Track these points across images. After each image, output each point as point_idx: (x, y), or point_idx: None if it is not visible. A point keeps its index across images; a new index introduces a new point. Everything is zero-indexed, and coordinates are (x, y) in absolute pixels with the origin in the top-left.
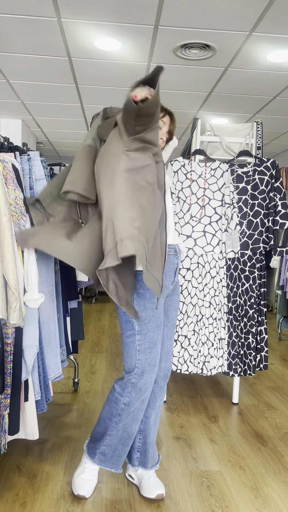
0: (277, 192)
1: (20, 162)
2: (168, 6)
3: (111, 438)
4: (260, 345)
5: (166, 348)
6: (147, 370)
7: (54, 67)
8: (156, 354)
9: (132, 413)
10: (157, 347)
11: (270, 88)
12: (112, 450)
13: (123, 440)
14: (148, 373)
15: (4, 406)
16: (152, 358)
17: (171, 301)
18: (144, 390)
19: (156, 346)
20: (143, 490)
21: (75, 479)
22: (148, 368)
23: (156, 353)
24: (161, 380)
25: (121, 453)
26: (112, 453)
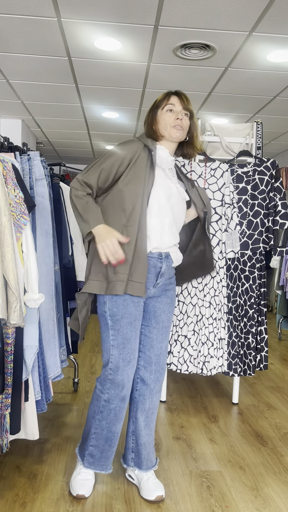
0: (277, 192)
1: (20, 162)
2: (168, 6)
3: (97, 437)
4: (260, 345)
5: (157, 350)
6: (121, 366)
7: (54, 67)
8: (131, 350)
9: (114, 410)
10: (131, 344)
11: (270, 88)
12: (99, 451)
13: (109, 440)
14: (123, 368)
15: (5, 405)
16: (126, 353)
17: (160, 304)
18: (122, 387)
19: (130, 342)
20: (143, 492)
21: (72, 482)
22: (122, 364)
23: (131, 349)
24: (152, 383)
25: (108, 454)
26: (100, 454)
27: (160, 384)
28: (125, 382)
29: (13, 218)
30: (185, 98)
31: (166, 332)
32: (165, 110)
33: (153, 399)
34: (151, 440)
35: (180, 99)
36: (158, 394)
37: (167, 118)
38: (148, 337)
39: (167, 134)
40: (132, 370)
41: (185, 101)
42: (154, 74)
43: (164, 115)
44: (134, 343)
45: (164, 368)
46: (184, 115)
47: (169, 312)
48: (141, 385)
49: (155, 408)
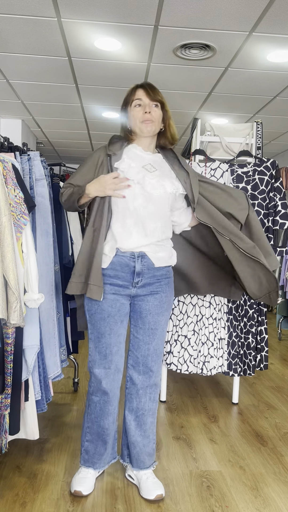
0: (277, 192)
1: (20, 162)
2: (168, 6)
3: (90, 431)
4: (260, 345)
5: (143, 351)
6: (97, 359)
7: (54, 67)
8: (106, 345)
9: (98, 403)
10: (105, 339)
11: (270, 88)
12: (93, 446)
13: (101, 436)
14: (99, 362)
15: (5, 406)
16: (101, 347)
17: (147, 305)
18: (100, 380)
19: (104, 337)
20: (142, 491)
21: (72, 480)
22: (98, 357)
23: (106, 344)
24: (139, 383)
25: (102, 451)
26: (94, 450)
27: (152, 389)
28: (103, 375)
29: (13, 218)
30: (151, 89)
31: (153, 334)
32: (133, 105)
33: (142, 400)
34: (145, 442)
35: (146, 92)
36: (149, 397)
37: (135, 113)
38: (135, 337)
39: (138, 130)
40: (110, 364)
41: (151, 92)
42: (154, 74)
43: (133, 111)
44: (109, 338)
45: (155, 371)
46: (154, 107)
47: (158, 314)
48: (130, 384)
49: (147, 411)
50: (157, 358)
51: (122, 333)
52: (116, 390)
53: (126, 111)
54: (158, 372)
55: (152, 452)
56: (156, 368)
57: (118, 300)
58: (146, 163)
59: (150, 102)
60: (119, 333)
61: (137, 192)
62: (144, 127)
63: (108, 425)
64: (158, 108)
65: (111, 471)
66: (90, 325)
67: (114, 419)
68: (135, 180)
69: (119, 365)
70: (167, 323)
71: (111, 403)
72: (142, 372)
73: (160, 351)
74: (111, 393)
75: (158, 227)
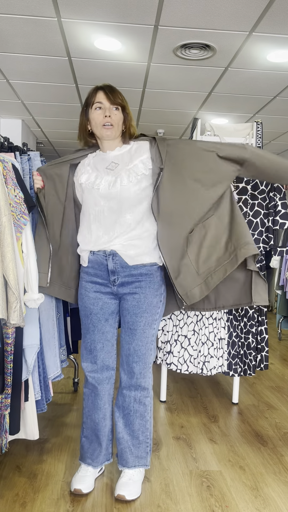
0: (277, 192)
1: (20, 162)
2: (168, 6)
3: (86, 426)
4: (260, 345)
5: (125, 351)
6: (84, 353)
7: (54, 67)
8: (90, 341)
9: (90, 396)
10: (90, 335)
11: (270, 88)
12: (88, 442)
13: (94, 431)
14: (86, 356)
15: (5, 406)
16: (86, 343)
17: (125, 304)
18: (88, 373)
19: (88, 333)
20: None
21: (72, 478)
22: (85, 352)
23: (90, 340)
24: (123, 382)
25: (95, 446)
26: (89, 445)
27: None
28: (90, 369)
29: (13, 218)
30: (111, 92)
31: (132, 334)
32: (94, 108)
33: (126, 400)
34: (135, 443)
35: (106, 95)
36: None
37: (96, 116)
38: (121, 335)
39: (99, 133)
40: (96, 359)
41: (111, 96)
42: (154, 74)
43: (93, 114)
44: (93, 335)
45: (137, 373)
46: (114, 110)
47: (135, 315)
48: (120, 383)
49: (133, 412)
50: (138, 359)
51: (108, 331)
52: (105, 385)
53: (87, 112)
54: (141, 374)
55: (144, 455)
56: (138, 369)
57: (101, 298)
58: (109, 163)
59: (111, 106)
60: (103, 331)
61: (95, 195)
62: (104, 132)
63: (98, 420)
64: (118, 111)
65: (111, 471)
66: (81, 320)
67: (105, 415)
68: (89, 187)
69: (107, 362)
70: (150, 325)
71: (100, 398)
72: (126, 371)
73: (142, 352)
74: (99, 387)
75: (127, 222)
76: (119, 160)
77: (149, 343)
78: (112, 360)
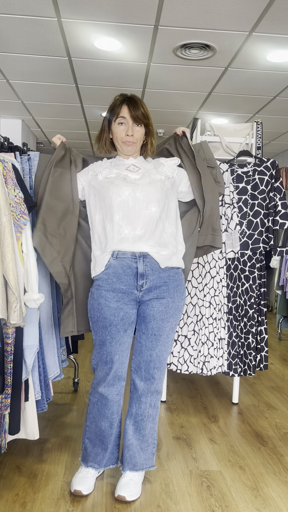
0: (277, 192)
1: (20, 162)
2: (168, 6)
3: (89, 430)
4: (260, 345)
5: (146, 357)
6: (99, 365)
7: (54, 67)
8: (107, 353)
9: (96, 404)
10: (106, 347)
11: (270, 88)
12: (92, 445)
13: (99, 436)
14: (101, 367)
15: (5, 406)
16: (102, 354)
17: (151, 310)
18: (99, 383)
19: (105, 345)
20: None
21: (72, 479)
22: (100, 363)
23: (107, 352)
24: (141, 389)
25: (98, 451)
26: (92, 448)
27: (153, 395)
28: (101, 380)
29: (13, 218)
30: (136, 109)
31: (156, 340)
32: (117, 122)
33: (141, 406)
34: (144, 446)
35: (130, 112)
36: (149, 404)
37: (118, 131)
38: (138, 341)
39: (119, 147)
40: (110, 371)
41: (134, 113)
42: (154, 74)
43: (116, 128)
44: (111, 347)
45: (157, 378)
46: (137, 127)
47: (162, 320)
48: (132, 388)
49: (147, 417)
50: (159, 364)
51: (125, 341)
52: (115, 396)
53: (110, 124)
54: (160, 379)
55: (151, 456)
56: (158, 375)
57: (122, 308)
58: (129, 165)
59: (133, 123)
60: (121, 342)
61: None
62: (125, 148)
63: (104, 427)
64: (141, 128)
65: (111, 472)
66: (93, 331)
67: (112, 424)
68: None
69: (120, 372)
70: (173, 329)
71: (108, 407)
72: (144, 378)
73: (164, 358)
74: (109, 397)
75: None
76: (141, 165)
77: (170, 347)
78: (124, 370)
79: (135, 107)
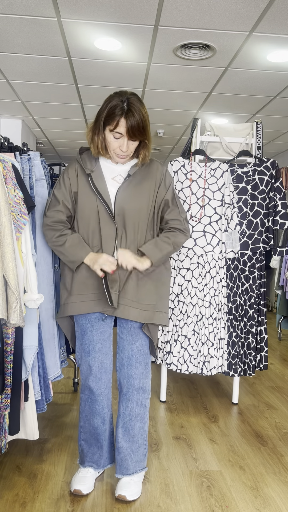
0: (277, 192)
1: (20, 162)
2: (168, 6)
3: (84, 430)
4: (260, 345)
5: (127, 352)
6: (83, 357)
7: (54, 67)
8: (89, 342)
9: (87, 402)
10: (87, 335)
11: (270, 88)
12: (88, 445)
13: (93, 435)
14: (84, 359)
15: (5, 406)
16: (84, 344)
17: None
18: (86, 378)
19: (86, 334)
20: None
21: (72, 479)
22: (83, 355)
23: (88, 340)
24: (125, 387)
25: (95, 450)
26: (88, 448)
27: (139, 393)
28: (87, 372)
29: (12, 218)
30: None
31: (136, 333)
32: (112, 134)
33: (128, 405)
34: (134, 448)
35: (127, 130)
36: (136, 402)
37: (112, 142)
38: (120, 337)
39: (111, 155)
40: (94, 362)
41: (131, 130)
42: (154, 74)
43: (109, 138)
44: (92, 335)
45: (140, 373)
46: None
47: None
48: (119, 388)
49: (135, 416)
50: (141, 359)
51: (105, 330)
52: (103, 390)
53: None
54: (144, 375)
55: (143, 458)
56: (140, 370)
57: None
58: (116, 175)
59: (129, 140)
60: (102, 330)
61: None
62: (116, 158)
63: (97, 424)
64: (136, 141)
65: (111, 472)
66: (75, 322)
67: (104, 420)
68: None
69: (105, 364)
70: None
71: (98, 403)
72: (127, 375)
73: (145, 352)
74: (97, 391)
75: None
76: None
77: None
78: (108, 361)
79: (133, 123)
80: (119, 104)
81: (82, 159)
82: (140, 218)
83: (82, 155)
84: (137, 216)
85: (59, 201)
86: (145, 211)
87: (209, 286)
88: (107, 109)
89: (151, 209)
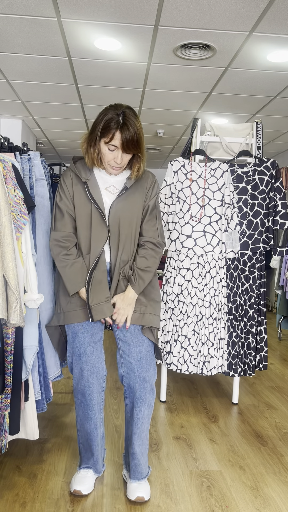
0: (277, 192)
1: (20, 162)
2: (168, 6)
3: (80, 435)
4: (260, 345)
5: (136, 355)
6: (74, 360)
7: (54, 67)
8: (79, 345)
9: (80, 406)
10: (79, 338)
11: (270, 88)
12: (84, 449)
13: (87, 440)
14: (76, 363)
15: (5, 406)
16: (75, 347)
17: None
18: (78, 382)
19: (77, 336)
20: (127, 491)
21: (72, 479)
22: (75, 358)
23: (79, 343)
24: (137, 390)
25: (89, 455)
26: (85, 452)
27: (149, 394)
28: (78, 377)
29: (13, 218)
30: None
31: (139, 334)
32: (107, 147)
33: (142, 409)
34: (143, 450)
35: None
36: (147, 404)
37: (107, 154)
38: (123, 341)
39: (105, 166)
40: (85, 365)
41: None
42: (154, 74)
43: (104, 150)
44: (83, 338)
45: (150, 376)
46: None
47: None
48: (129, 393)
49: (145, 418)
50: (150, 360)
51: (97, 333)
52: (94, 394)
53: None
54: (155, 375)
55: (147, 458)
56: (152, 372)
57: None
58: (109, 185)
59: (123, 154)
60: (93, 332)
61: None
62: (110, 170)
63: (90, 430)
64: (129, 154)
65: (111, 471)
66: (66, 326)
67: (97, 425)
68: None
69: (97, 368)
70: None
71: (90, 408)
72: (139, 378)
73: (152, 353)
74: (88, 396)
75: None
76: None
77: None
78: (100, 365)
79: (128, 137)
80: (114, 118)
81: (76, 168)
82: (132, 227)
83: (76, 164)
84: (130, 227)
85: (63, 213)
86: (136, 220)
87: (209, 286)
88: (103, 122)
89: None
